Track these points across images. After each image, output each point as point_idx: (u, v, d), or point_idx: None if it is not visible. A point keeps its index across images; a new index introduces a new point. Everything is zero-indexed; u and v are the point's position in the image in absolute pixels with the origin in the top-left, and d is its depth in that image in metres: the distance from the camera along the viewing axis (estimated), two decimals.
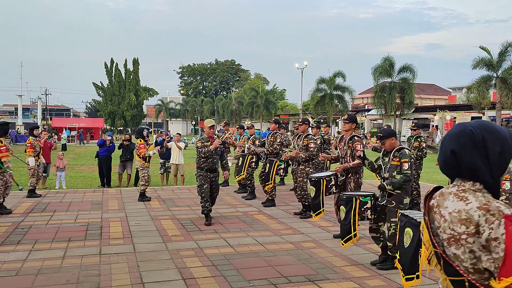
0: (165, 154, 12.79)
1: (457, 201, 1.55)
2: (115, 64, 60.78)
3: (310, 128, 8.51)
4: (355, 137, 6.38)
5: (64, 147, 29.39)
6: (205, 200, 7.41)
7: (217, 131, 12.88)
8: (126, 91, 60.77)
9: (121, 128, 60.67)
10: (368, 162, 5.66)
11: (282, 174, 9.13)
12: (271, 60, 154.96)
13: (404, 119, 34.94)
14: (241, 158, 10.12)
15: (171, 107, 76.41)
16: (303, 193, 7.84)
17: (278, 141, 9.27)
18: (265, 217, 8.05)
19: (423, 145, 8.96)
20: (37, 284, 4.63)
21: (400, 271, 4.16)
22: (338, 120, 41.74)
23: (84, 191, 11.20)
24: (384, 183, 5.16)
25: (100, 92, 62.46)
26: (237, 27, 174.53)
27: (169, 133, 21.97)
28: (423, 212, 1.68)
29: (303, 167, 7.89)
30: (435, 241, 1.56)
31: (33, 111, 68.58)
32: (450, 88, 61.63)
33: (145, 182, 9.66)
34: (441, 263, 1.54)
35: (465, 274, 1.48)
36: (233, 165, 10.68)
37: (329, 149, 11.49)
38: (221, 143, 7.67)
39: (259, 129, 43.18)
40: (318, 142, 8.09)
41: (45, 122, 57.27)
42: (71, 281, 4.72)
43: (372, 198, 5.27)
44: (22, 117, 55.86)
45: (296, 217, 8.03)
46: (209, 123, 7.72)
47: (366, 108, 47.83)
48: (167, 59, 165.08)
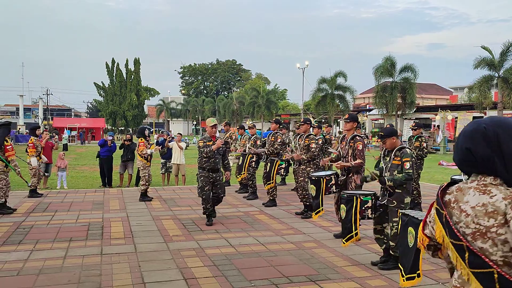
0: (166, 154, 12.80)
1: (480, 195, 1.55)
2: (116, 64, 60.89)
3: (311, 128, 8.50)
4: (357, 137, 6.39)
5: (65, 147, 29.44)
6: (206, 202, 7.36)
7: (218, 131, 12.87)
8: (127, 91, 60.85)
9: (122, 128, 60.75)
10: (370, 178, 5.60)
11: (283, 173, 9.14)
12: (272, 60, 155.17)
13: (405, 119, 34.88)
14: (241, 157, 10.13)
15: (172, 107, 76.44)
16: (304, 193, 7.83)
17: (278, 141, 9.27)
18: (266, 217, 8.05)
19: (424, 145, 8.97)
20: (39, 284, 4.63)
21: (399, 271, 4.15)
22: (339, 120, 41.72)
23: (85, 191, 11.21)
24: (385, 178, 5.15)
25: (101, 92, 62.57)
26: (238, 27, 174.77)
27: (170, 133, 21.95)
28: (435, 207, 1.67)
29: (304, 167, 7.88)
30: (459, 234, 1.54)
31: (34, 111, 68.72)
32: (451, 88, 61.57)
33: (145, 182, 9.66)
34: (466, 256, 1.53)
35: (494, 265, 1.48)
36: (234, 165, 10.68)
37: (329, 147, 11.50)
38: (223, 143, 7.54)
39: (260, 129, 43.17)
40: (319, 142, 8.09)
41: (46, 122, 57.33)
42: (72, 281, 4.73)
43: (372, 197, 5.27)
44: (23, 117, 55.97)
45: (297, 217, 8.03)
46: (211, 122, 7.59)
47: (367, 108, 47.78)
48: (167, 59, 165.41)
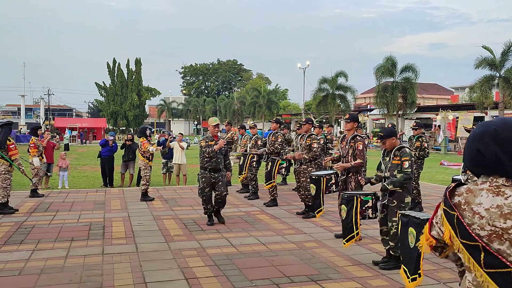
0: (168, 154, 12.81)
1: (494, 196, 1.54)
2: (117, 64, 60.93)
3: (313, 128, 8.49)
4: (357, 137, 6.39)
5: (66, 147, 29.47)
6: (206, 202, 7.33)
7: (219, 131, 12.87)
8: (128, 91, 60.89)
9: (124, 128, 60.77)
10: (374, 179, 5.58)
11: (284, 173, 9.12)
12: (272, 60, 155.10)
13: (406, 118, 34.88)
14: (242, 157, 10.13)
15: (173, 107, 76.46)
16: (306, 193, 7.82)
17: (279, 140, 9.27)
18: (268, 217, 8.05)
19: (425, 145, 8.96)
20: (40, 283, 4.64)
21: (402, 272, 4.14)
22: (340, 120, 41.70)
23: (86, 191, 11.22)
24: (385, 184, 5.17)
25: (102, 92, 62.62)
26: (238, 27, 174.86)
27: (171, 133, 21.96)
28: (443, 208, 1.66)
29: (305, 166, 7.88)
30: (474, 235, 1.54)
31: (35, 111, 68.77)
32: (452, 87, 61.50)
33: (146, 181, 9.68)
34: (481, 256, 1.52)
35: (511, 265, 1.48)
36: (236, 165, 10.69)
37: (332, 149, 11.49)
38: (225, 143, 7.45)
39: (261, 129, 43.19)
40: (321, 142, 8.09)
41: (48, 122, 57.39)
42: (73, 280, 4.73)
43: (373, 197, 5.28)
44: (24, 117, 56.05)
45: (298, 217, 8.03)
46: (213, 121, 7.47)
47: (368, 108, 47.77)
48: (167, 59, 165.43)
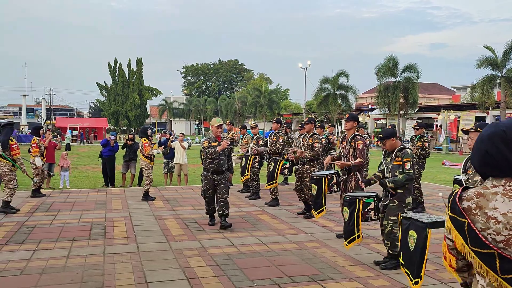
0: (169, 154, 12.82)
1: (510, 201, 1.53)
2: (118, 64, 60.97)
3: (314, 127, 8.48)
4: (357, 136, 6.39)
5: (68, 147, 29.51)
6: (209, 204, 7.33)
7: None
8: (129, 91, 60.93)
9: (125, 128, 60.83)
10: (373, 180, 5.57)
11: (287, 173, 9.11)
12: (273, 60, 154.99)
13: (408, 118, 34.83)
14: (244, 158, 10.12)
15: (175, 107, 76.47)
16: (310, 193, 7.79)
17: (280, 140, 9.26)
18: (269, 216, 8.05)
19: (426, 144, 8.94)
20: (42, 283, 4.64)
21: (406, 275, 4.14)
22: (341, 119, 41.66)
23: (88, 190, 11.23)
24: (386, 180, 5.15)
25: (103, 92, 62.66)
26: (238, 27, 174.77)
27: (172, 133, 21.98)
28: (449, 215, 1.63)
29: (308, 166, 7.86)
30: (488, 242, 1.53)
31: (37, 111, 68.90)
32: (454, 87, 61.41)
33: (149, 181, 9.69)
34: (496, 263, 1.52)
35: None
36: (237, 165, 10.68)
37: (333, 149, 11.48)
38: (228, 144, 7.28)
39: (263, 129, 43.19)
40: (323, 141, 8.08)
41: (49, 122, 57.46)
42: (75, 280, 4.74)
43: (375, 198, 5.27)
44: (26, 117, 56.15)
45: (299, 216, 8.02)
46: (216, 122, 7.28)
47: (369, 107, 47.72)
48: (167, 59, 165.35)
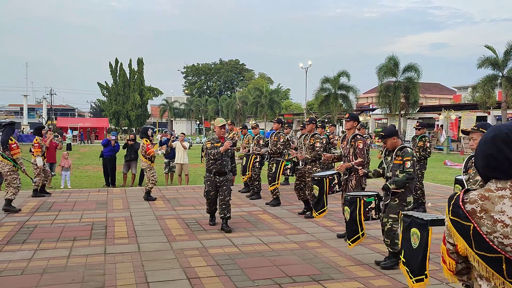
0: (170, 153, 12.83)
1: None
2: (119, 64, 61.02)
3: (315, 127, 8.48)
4: (358, 136, 6.38)
5: (69, 147, 29.53)
6: (211, 205, 7.26)
7: None
8: (130, 91, 60.96)
9: (126, 128, 60.87)
10: (372, 173, 5.64)
11: (289, 173, 9.10)
12: (273, 60, 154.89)
13: (409, 118, 34.80)
14: (245, 158, 10.12)
15: (176, 107, 76.50)
16: (312, 193, 7.78)
17: (281, 141, 9.25)
18: (270, 216, 8.05)
19: (428, 144, 8.93)
20: (43, 283, 4.65)
21: (405, 273, 4.12)
22: (342, 119, 41.65)
23: (89, 190, 11.24)
24: (387, 184, 5.15)
25: (104, 92, 62.72)
26: (238, 27, 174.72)
27: (173, 132, 21.99)
28: (451, 218, 1.61)
29: (310, 167, 7.85)
30: (495, 246, 1.52)
31: (38, 111, 68.90)
32: (455, 87, 61.36)
33: (154, 181, 9.71)
34: (503, 267, 1.51)
35: None
36: (238, 165, 10.69)
37: (334, 149, 11.48)
38: (231, 145, 7.20)
39: (264, 129, 43.18)
40: (324, 141, 8.07)
41: (50, 122, 57.51)
42: (76, 280, 4.74)
43: (376, 198, 5.27)
44: (27, 117, 56.17)
45: (300, 216, 8.02)
46: (219, 122, 7.23)
47: (370, 107, 47.69)
48: (167, 59, 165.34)
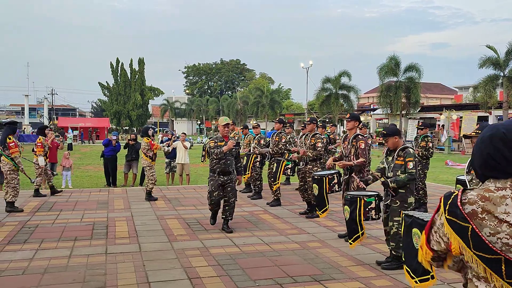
0: (171, 153, 12.84)
1: None
2: (120, 63, 61.04)
3: (316, 127, 8.47)
4: (359, 136, 6.38)
5: (70, 147, 29.55)
6: (214, 205, 7.06)
7: None
8: (131, 90, 61.01)
9: (127, 127, 60.93)
10: (371, 180, 5.54)
11: (289, 173, 9.10)
12: (273, 60, 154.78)
13: (410, 118, 34.77)
14: (245, 157, 10.11)
15: (177, 106, 76.54)
16: (312, 193, 7.77)
17: (283, 141, 9.25)
18: (271, 216, 8.04)
19: (430, 144, 8.92)
20: (44, 283, 4.64)
21: (406, 273, 4.11)
22: (344, 119, 41.63)
23: (90, 190, 11.24)
24: (387, 180, 5.12)
25: (105, 92, 62.80)
26: (239, 27, 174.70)
27: (174, 132, 22.00)
28: (448, 218, 1.59)
29: (310, 166, 7.84)
30: (495, 248, 1.51)
31: (39, 111, 68.97)
32: (456, 87, 61.34)
33: (154, 181, 9.71)
34: (502, 268, 1.51)
35: None
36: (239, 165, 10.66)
37: (334, 148, 11.48)
38: (234, 144, 7.04)
39: (265, 129, 43.18)
40: (324, 141, 8.07)
41: (51, 122, 57.53)
42: (77, 280, 4.74)
43: (376, 198, 5.25)
44: (28, 117, 56.15)
45: (301, 216, 8.01)
46: (223, 121, 7.03)
47: (371, 107, 47.66)
48: (168, 59, 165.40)
